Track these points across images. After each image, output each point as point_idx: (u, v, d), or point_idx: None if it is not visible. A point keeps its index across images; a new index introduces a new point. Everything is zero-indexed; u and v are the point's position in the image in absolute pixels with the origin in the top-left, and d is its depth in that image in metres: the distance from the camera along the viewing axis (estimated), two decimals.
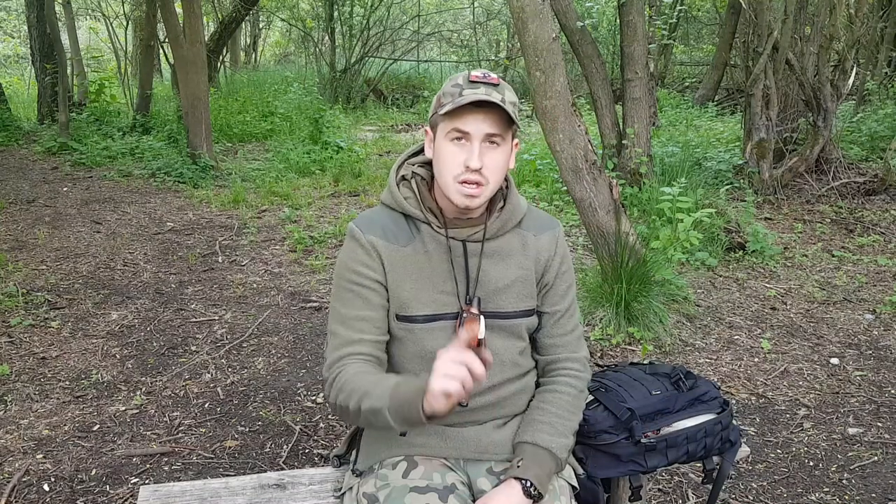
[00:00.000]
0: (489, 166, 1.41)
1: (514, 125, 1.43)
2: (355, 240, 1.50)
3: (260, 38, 18.39)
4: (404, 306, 1.49)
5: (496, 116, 1.40)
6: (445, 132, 1.42)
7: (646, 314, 3.73)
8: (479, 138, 1.40)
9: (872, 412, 3.08)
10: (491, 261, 1.52)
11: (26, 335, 3.69)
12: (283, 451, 2.75)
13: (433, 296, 1.49)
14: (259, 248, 5.24)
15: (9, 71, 17.21)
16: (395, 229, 1.51)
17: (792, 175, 6.48)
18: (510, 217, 1.54)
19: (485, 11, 16.58)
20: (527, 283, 1.55)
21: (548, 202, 6.45)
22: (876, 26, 8.14)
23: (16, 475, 2.53)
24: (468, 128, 1.40)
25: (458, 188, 1.42)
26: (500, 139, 1.42)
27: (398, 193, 1.52)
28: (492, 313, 1.51)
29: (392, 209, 1.54)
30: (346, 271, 1.50)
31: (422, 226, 1.51)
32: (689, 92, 13.50)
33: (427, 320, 1.49)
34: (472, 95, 1.37)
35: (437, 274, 1.50)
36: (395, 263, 1.49)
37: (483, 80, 1.40)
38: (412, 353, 1.51)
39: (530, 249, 1.56)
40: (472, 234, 1.51)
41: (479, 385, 1.25)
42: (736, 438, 1.75)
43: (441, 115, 1.41)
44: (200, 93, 7.49)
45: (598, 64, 6.07)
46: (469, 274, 1.51)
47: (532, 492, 1.40)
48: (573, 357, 1.59)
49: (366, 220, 1.53)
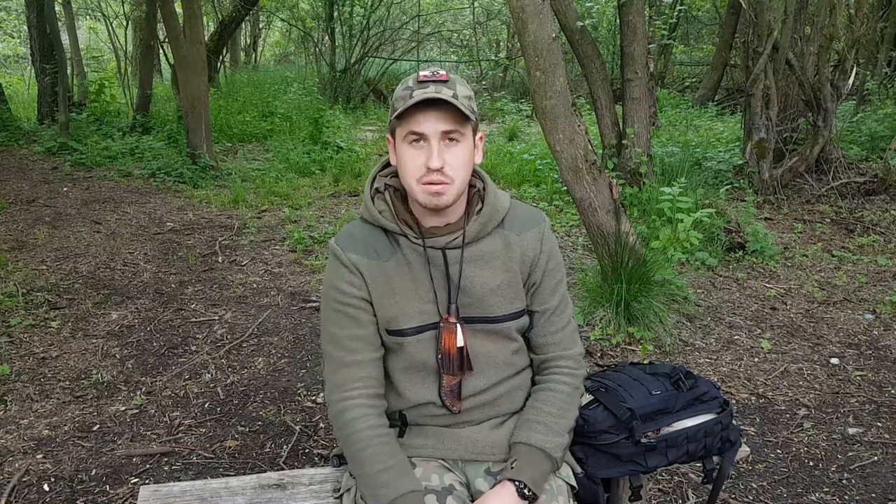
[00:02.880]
0: (451, 164, 1.40)
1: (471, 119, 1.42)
2: (337, 259, 1.50)
3: (260, 38, 18.40)
4: (392, 321, 1.49)
5: (450, 113, 1.38)
6: (403, 136, 1.41)
7: (646, 314, 3.73)
8: (436, 137, 1.39)
9: (872, 412, 3.08)
10: (474, 265, 1.50)
11: (26, 335, 3.69)
12: (283, 451, 2.75)
13: (419, 307, 1.49)
14: (259, 248, 5.24)
15: (9, 71, 17.20)
16: (376, 244, 1.50)
17: (792, 175, 6.48)
18: (489, 218, 1.51)
19: (485, 11, 16.58)
20: (513, 285, 1.53)
21: (548, 202, 6.45)
22: (876, 26, 8.13)
23: (16, 475, 2.53)
24: (423, 128, 1.38)
25: (422, 189, 1.41)
26: (458, 135, 1.40)
27: (373, 208, 1.51)
28: (480, 318, 1.51)
29: (370, 223, 1.52)
30: (332, 291, 1.50)
31: (400, 238, 1.49)
32: (689, 92, 13.51)
33: (415, 332, 1.49)
34: (421, 95, 1.36)
35: (419, 285, 1.49)
36: (377, 280, 1.48)
37: (432, 79, 1.39)
38: (403, 366, 1.53)
39: (514, 250, 1.53)
40: (450, 241, 1.48)
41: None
42: (736, 438, 1.75)
43: (395, 119, 1.41)
44: (200, 93, 7.49)
45: (598, 64, 6.07)
46: (451, 281, 1.49)
47: (526, 493, 1.40)
48: (566, 355, 1.59)
49: (346, 237, 1.52)
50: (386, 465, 1.42)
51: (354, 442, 1.45)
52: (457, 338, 1.48)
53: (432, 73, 1.41)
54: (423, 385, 1.52)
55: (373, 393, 1.49)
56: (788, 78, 6.60)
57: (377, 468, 1.42)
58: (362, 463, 1.43)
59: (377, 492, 1.40)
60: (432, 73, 1.41)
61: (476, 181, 1.54)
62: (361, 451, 1.43)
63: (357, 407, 1.46)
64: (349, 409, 1.46)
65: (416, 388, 1.52)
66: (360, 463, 1.43)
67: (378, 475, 1.41)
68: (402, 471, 1.42)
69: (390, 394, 1.55)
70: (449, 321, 1.48)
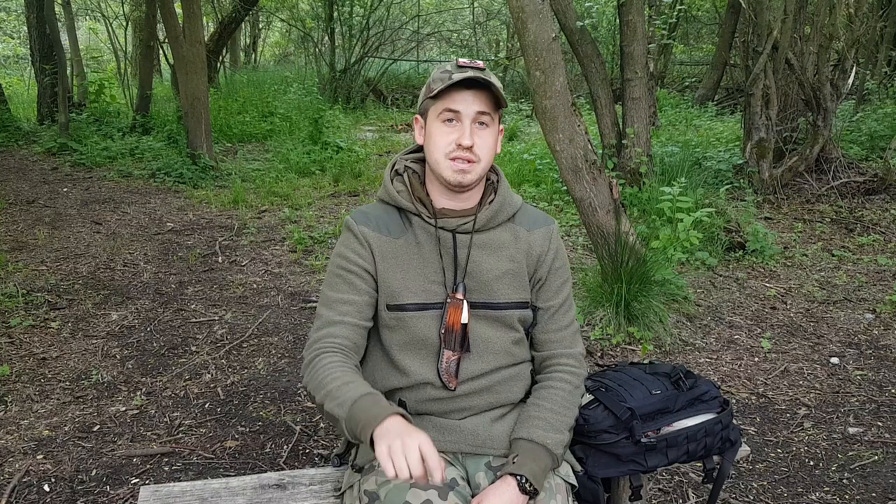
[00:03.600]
0: (480, 145, 1.47)
1: (501, 108, 1.50)
2: (349, 230, 1.56)
3: (260, 38, 18.40)
4: (395, 296, 1.52)
5: (485, 97, 1.46)
6: (437, 114, 1.48)
7: (646, 314, 3.73)
8: (469, 117, 1.46)
9: (872, 412, 3.08)
10: (482, 251, 1.55)
11: (26, 335, 3.69)
12: (283, 452, 2.75)
13: (423, 285, 1.53)
14: (259, 249, 5.24)
15: (9, 71, 17.21)
16: (389, 222, 1.55)
17: (792, 174, 6.48)
18: (500, 209, 1.57)
19: (485, 11, 16.59)
20: (518, 276, 1.57)
21: (548, 202, 6.45)
22: (876, 26, 8.14)
23: (16, 475, 2.53)
24: (459, 106, 1.46)
25: (450, 164, 1.47)
26: (489, 119, 1.48)
27: (391, 187, 1.57)
28: (483, 303, 1.54)
29: (387, 203, 1.58)
30: (337, 258, 1.56)
31: (413, 218, 1.55)
32: (689, 92, 13.51)
33: (417, 308, 1.52)
34: (461, 76, 1.43)
35: (427, 264, 1.53)
36: (385, 254, 1.53)
37: (471, 66, 1.47)
38: (403, 341, 1.54)
39: (522, 243, 1.58)
40: (461, 224, 1.54)
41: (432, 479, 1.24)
42: (736, 438, 1.75)
43: (432, 97, 1.48)
44: (200, 93, 7.49)
45: (598, 64, 6.07)
46: (458, 263, 1.53)
47: (527, 488, 1.41)
48: (568, 353, 1.61)
49: (361, 213, 1.58)
50: (350, 380, 1.38)
51: (320, 371, 1.41)
52: (462, 314, 1.52)
53: (471, 61, 1.48)
54: (423, 362, 1.53)
55: (348, 345, 1.48)
56: (788, 77, 6.61)
57: (340, 382, 1.37)
58: (328, 384, 1.38)
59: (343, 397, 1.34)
60: (471, 61, 1.48)
61: (491, 174, 1.61)
62: (327, 375, 1.40)
63: (328, 353, 1.45)
64: (320, 355, 1.45)
65: (414, 364, 1.53)
66: (326, 384, 1.38)
67: (343, 387, 1.37)
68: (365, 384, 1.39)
69: (387, 371, 1.56)
70: (456, 297, 1.52)
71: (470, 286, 1.54)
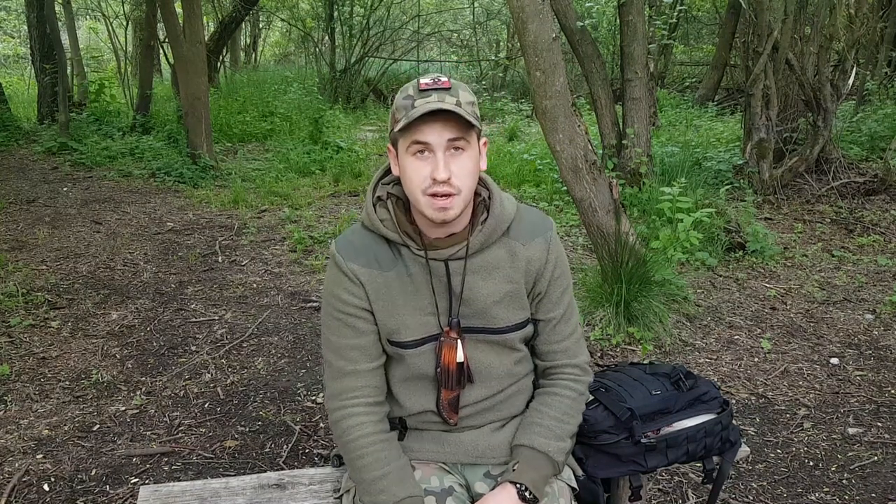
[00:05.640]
0: (457, 174, 1.35)
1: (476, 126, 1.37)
2: (338, 267, 1.46)
3: (260, 38, 18.38)
4: (393, 332, 1.47)
5: (455, 121, 1.33)
6: (406, 147, 1.36)
7: (646, 314, 3.73)
8: (441, 147, 1.33)
9: (872, 412, 3.07)
10: (478, 276, 1.46)
11: (26, 335, 3.69)
12: (283, 451, 2.75)
13: (420, 319, 1.47)
14: (259, 248, 5.24)
15: (9, 71, 17.19)
16: (377, 253, 1.46)
17: (792, 175, 6.47)
18: (495, 228, 1.46)
19: (485, 11, 16.57)
20: (517, 297, 1.49)
21: (548, 202, 6.45)
22: (876, 26, 8.13)
23: (16, 475, 2.53)
24: (427, 138, 1.33)
25: (429, 202, 1.35)
26: (463, 143, 1.35)
27: (374, 216, 1.45)
28: (481, 329, 1.48)
29: (372, 231, 1.48)
30: (332, 299, 1.48)
31: (402, 249, 1.45)
32: (689, 92, 13.50)
33: (415, 344, 1.48)
34: (424, 106, 1.31)
35: (421, 297, 1.46)
36: (378, 291, 1.45)
37: (434, 87, 1.34)
38: (403, 376, 1.52)
39: (519, 260, 1.48)
40: (454, 252, 1.44)
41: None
42: (736, 438, 1.75)
43: (397, 131, 1.35)
44: (200, 93, 7.49)
45: (598, 64, 6.07)
46: (453, 293, 1.46)
47: (527, 496, 1.40)
48: (572, 363, 1.56)
49: (347, 244, 1.48)
50: (384, 472, 1.42)
51: (352, 450, 1.45)
52: (457, 353, 1.47)
53: (433, 81, 1.35)
54: (423, 396, 1.52)
55: (371, 401, 1.48)
56: (788, 78, 6.60)
57: (375, 475, 1.42)
58: (360, 470, 1.44)
59: (377, 498, 1.40)
60: (433, 81, 1.35)
61: (482, 189, 1.48)
62: (359, 458, 1.44)
63: (354, 415, 1.46)
64: (346, 417, 1.46)
65: (414, 398, 1.52)
66: (359, 470, 1.44)
67: (376, 482, 1.41)
68: (400, 476, 1.42)
69: (389, 401, 1.55)
70: (450, 335, 1.46)
71: (467, 313, 1.47)
